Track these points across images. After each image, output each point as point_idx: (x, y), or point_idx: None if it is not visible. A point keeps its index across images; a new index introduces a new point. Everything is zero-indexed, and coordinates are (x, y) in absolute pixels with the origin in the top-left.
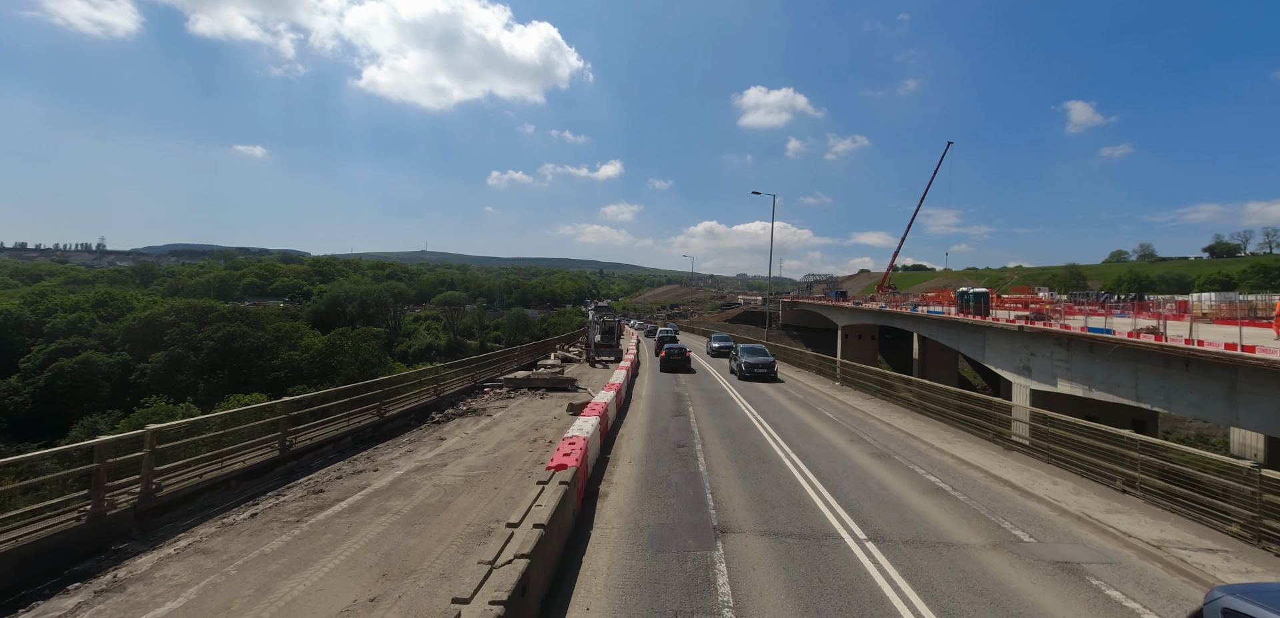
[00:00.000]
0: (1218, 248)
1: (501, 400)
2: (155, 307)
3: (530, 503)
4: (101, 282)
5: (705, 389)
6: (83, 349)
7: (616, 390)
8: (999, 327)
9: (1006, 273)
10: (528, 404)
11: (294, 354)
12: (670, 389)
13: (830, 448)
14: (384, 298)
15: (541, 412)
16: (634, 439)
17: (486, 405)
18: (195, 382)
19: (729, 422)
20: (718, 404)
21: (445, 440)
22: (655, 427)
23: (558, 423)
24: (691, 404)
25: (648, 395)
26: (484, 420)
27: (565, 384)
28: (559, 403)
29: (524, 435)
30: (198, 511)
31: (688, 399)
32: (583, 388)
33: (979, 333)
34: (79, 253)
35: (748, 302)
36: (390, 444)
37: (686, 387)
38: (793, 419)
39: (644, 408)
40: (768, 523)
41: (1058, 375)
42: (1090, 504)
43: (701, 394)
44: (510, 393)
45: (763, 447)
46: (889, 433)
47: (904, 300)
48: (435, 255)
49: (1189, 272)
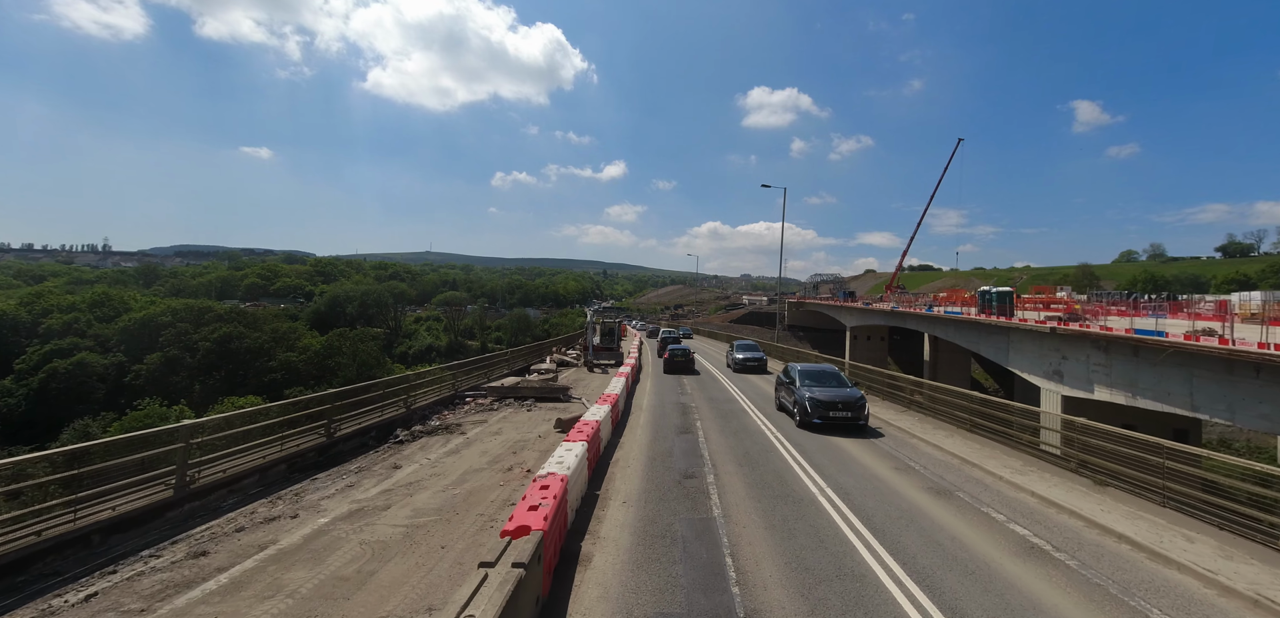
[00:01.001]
0: (1230, 247)
1: (482, 414)
2: (152, 307)
3: (460, 608)
4: (104, 282)
5: (715, 399)
6: (78, 350)
7: (613, 403)
8: (1027, 328)
9: (1015, 273)
10: (511, 418)
11: (291, 356)
12: (674, 398)
13: (872, 479)
14: (384, 298)
15: (525, 428)
16: (631, 468)
17: (463, 420)
18: (191, 383)
19: (745, 442)
20: (729, 418)
21: (400, 469)
22: (657, 448)
23: (541, 444)
24: (699, 419)
25: (649, 406)
26: (455, 440)
27: (556, 393)
28: (547, 416)
29: (498, 462)
30: (24, 588)
31: (695, 412)
32: (576, 398)
33: (1002, 335)
34: (84, 254)
35: (753, 302)
36: (332, 474)
37: (692, 395)
38: (817, 437)
39: (645, 422)
40: (817, 613)
41: (1095, 381)
42: (1264, 580)
43: (710, 405)
44: (494, 404)
45: (789, 478)
46: (936, 456)
47: (915, 300)
48: (439, 256)
49: (1202, 271)
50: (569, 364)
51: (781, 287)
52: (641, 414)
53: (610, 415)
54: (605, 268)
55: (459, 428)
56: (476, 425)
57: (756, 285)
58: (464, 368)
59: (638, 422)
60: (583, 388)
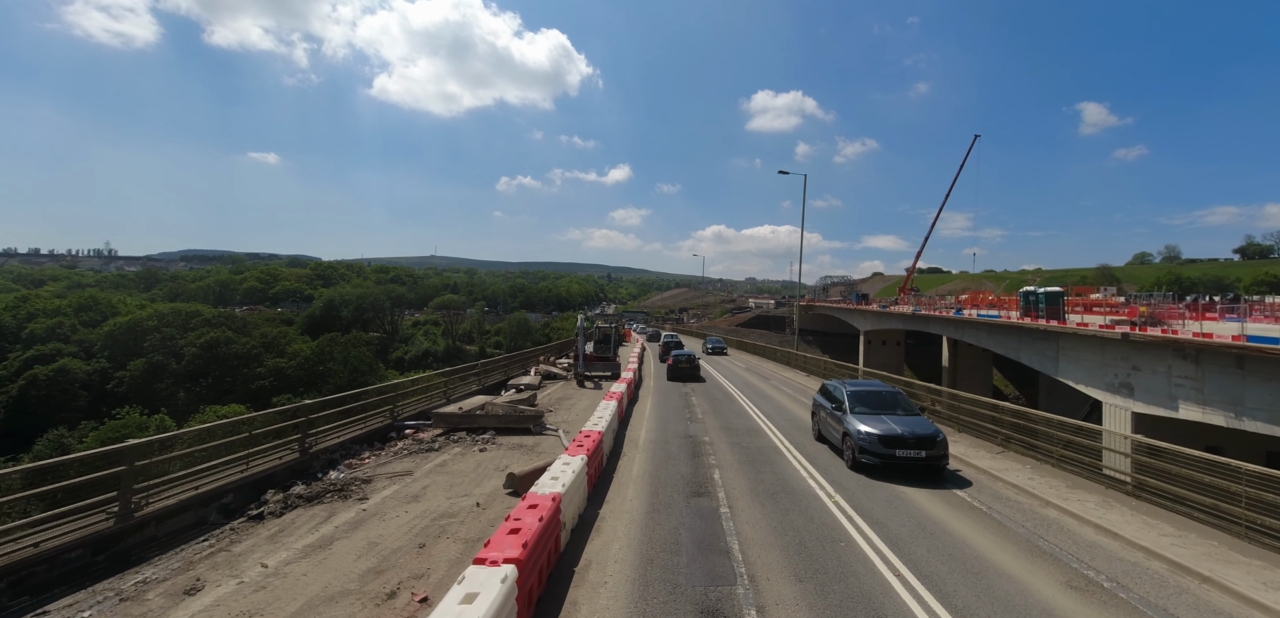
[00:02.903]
0: (1249, 249)
1: (413, 458)
2: (138, 311)
3: None
4: (104, 286)
5: (732, 427)
6: (61, 356)
7: (595, 444)
8: (1085, 333)
9: (1027, 275)
10: (451, 466)
11: (281, 361)
12: (680, 426)
13: (995, 578)
14: (381, 302)
15: (462, 486)
16: (614, 578)
17: (379, 471)
18: (175, 391)
19: (788, 510)
20: (756, 461)
21: (199, 595)
22: (657, 531)
23: (479, 517)
24: (715, 462)
25: (649, 440)
26: (341, 516)
27: (524, 423)
28: (503, 460)
29: (384, 574)
30: None
31: (709, 451)
32: (550, 430)
33: (1049, 340)
34: (89, 258)
35: (759, 305)
36: (93, 593)
37: (703, 420)
38: (877, 487)
39: (640, 471)
40: None
41: (1179, 397)
42: None
43: (727, 436)
44: (435, 442)
45: (876, 589)
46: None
47: (934, 303)
48: (444, 260)
49: (1224, 273)
50: (557, 376)
51: (787, 290)
52: (637, 455)
53: (587, 469)
54: (610, 272)
55: (361, 489)
56: (393, 482)
57: (762, 289)
58: (419, 387)
59: (630, 469)
60: (566, 411)
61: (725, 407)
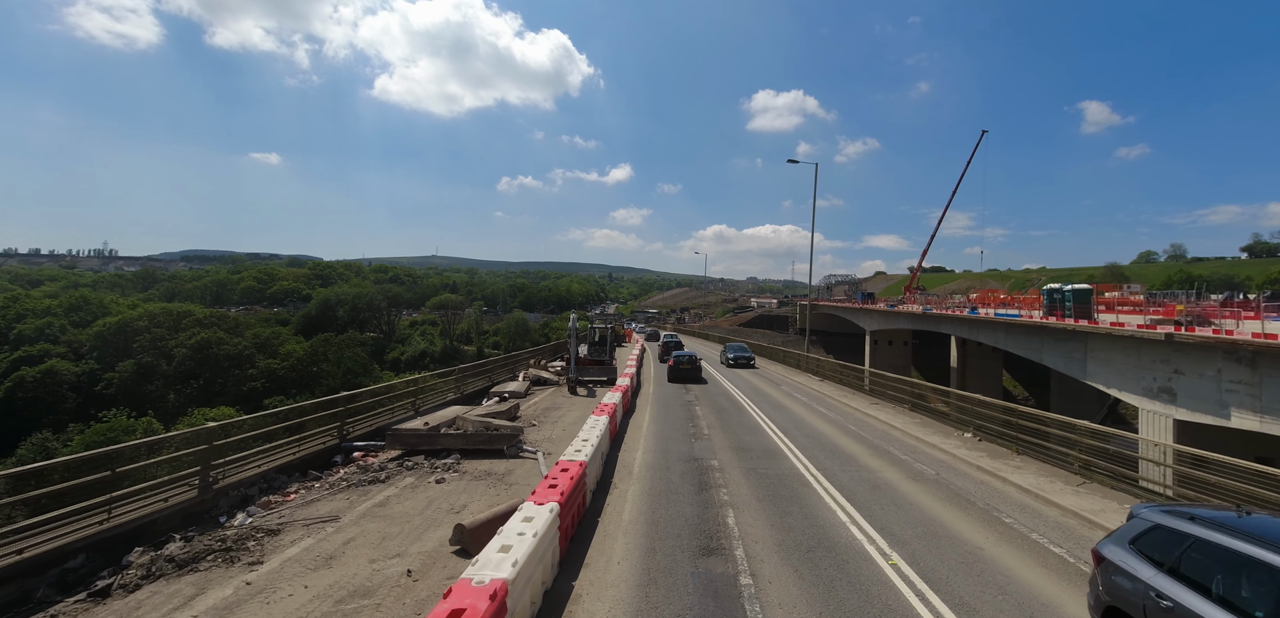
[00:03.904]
0: (1257, 247)
1: (353, 492)
2: (129, 311)
3: None
4: (103, 286)
5: (744, 446)
6: (49, 357)
7: (573, 482)
8: (1120, 334)
9: (1031, 274)
10: (394, 504)
11: (273, 363)
12: (684, 445)
13: None
14: (377, 302)
15: (397, 540)
16: None
17: (296, 515)
18: (165, 392)
19: (836, 584)
20: (778, 493)
21: None
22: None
23: (403, 599)
24: (727, 491)
25: (644, 467)
26: (220, 590)
27: (498, 444)
28: (460, 500)
29: None
30: None
31: (719, 477)
32: (528, 450)
33: (1076, 341)
34: (89, 258)
35: (761, 304)
36: None
37: (711, 436)
38: (958, 546)
39: (635, 506)
40: None
41: (1231, 403)
42: None
43: (738, 458)
44: (385, 469)
45: None
46: None
47: (943, 302)
48: (445, 260)
49: (1232, 271)
50: (548, 382)
51: (789, 289)
52: (631, 486)
53: (559, 524)
54: (611, 271)
55: (259, 547)
56: (309, 533)
57: (763, 288)
58: (356, 406)
59: (621, 510)
60: (551, 425)
61: (733, 418)
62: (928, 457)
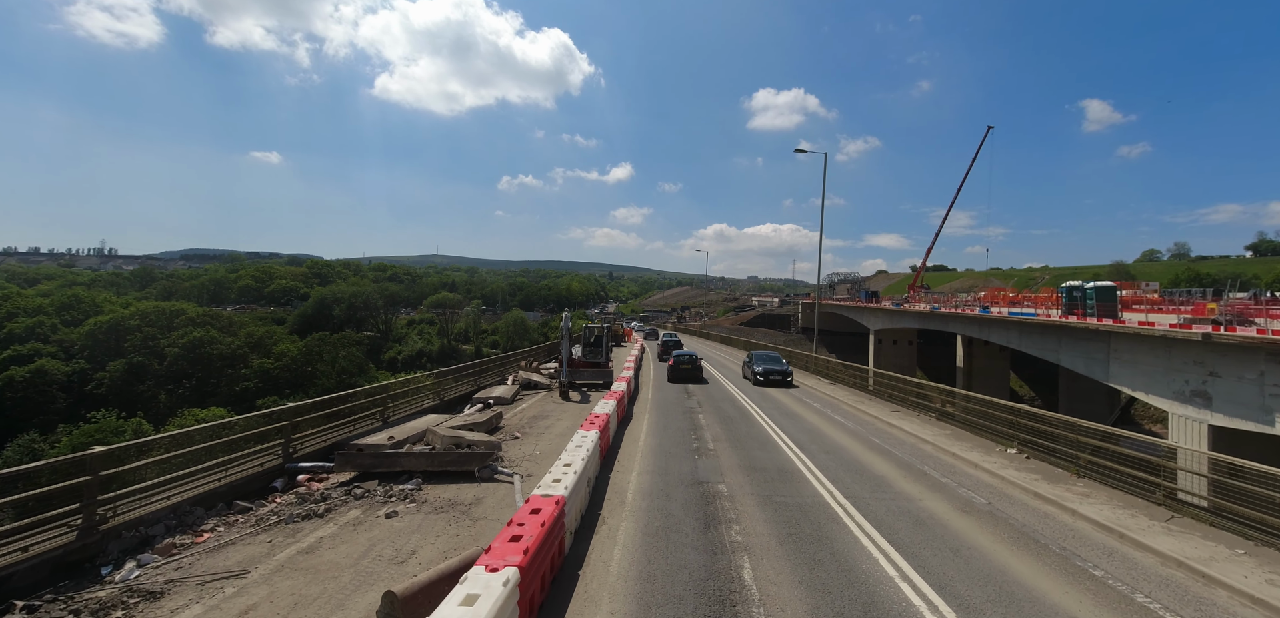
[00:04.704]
0: (1262, 245)
1: (279, 529)
2: (121, 310)
3: None
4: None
5: (757, 466)
6: (39, 356)
7: (539, 538)
8: (1148, 333)
9: (1034, 273)
10: (325, 548)
11: (266, 362)
12: (685, 462)
13: None
14: (374, 300)
15: (312, 608)
16: None
17: (195, 569)
18: (156, 392)
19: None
20: (803, 533)
21: None
22: None
23: None
24: (740, 530)
25: (641, 489)
26: None
27: (468, 464)
28: (409, 543)
29: None
30: None
31: (729, 508)
32: (504, 471)
33: (1099, 341)
34: (88, 257)
35: (763, 303)
36: None
37: (715, 445)
38: None
39: (626, 554)
40: None
41: (1275, 409)
42: None
43: (750, 481)
44: (326, 498)
45: None
46: None
47: (951, 301)
48: (446, 259)
49: (1238, 270)
50: (539, 386)
51: (790, 288)
52: (622, 523)
53: (515, 601)
54: (611, 270)
55: (151, 601)
56: (200, 596)
57: (764, 286)
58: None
59: (608, 560)
60: (536, 439)
61: (741, 429)
62: (971, 479)
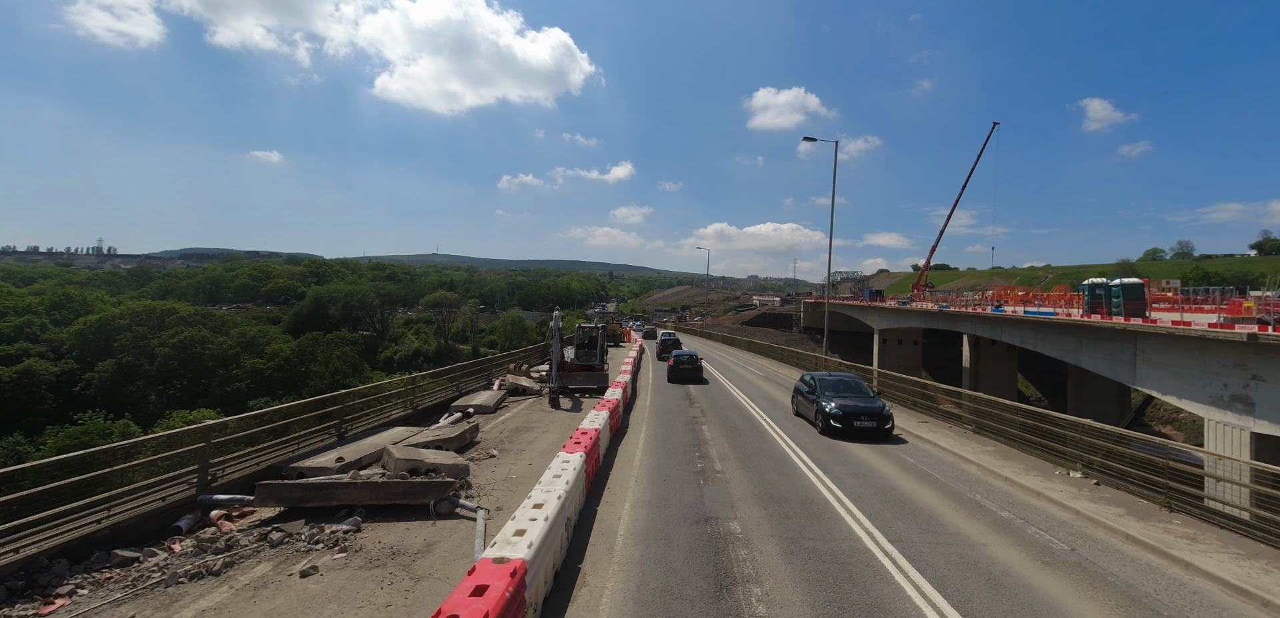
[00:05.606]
0: (1266, 243)
1: (149, 599)
2: (112, 309)
3: None
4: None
5: (776, 495)
6: (27, 356)
7: (496, 608)
8: (1183, 334)
9: (1037, 272)
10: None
11: (259, 362)
12: (689, 491)
13: None
14: (370, 299)
15: None
16: None
17: None
18: (146, 393)
19: None
20: (841, 588)
21: None
22: None
23: None
24: (760, 590)
25: (633, 530)
26: None
27: (422, 497)
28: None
29: None
30: None
31: (746, 561)
32: (466, 506)
33: (1125, 342)
34: (87, 256)
35: (764, 303)
36: None
37: (723, 466)
38: None
39: None
40: None
41: None
42: None
43: (770, 519)
44: (234, 547)
45: None
46: None
47: (958, 299)
48: (446, 258)
49: (1245, 269)
50: (527, 391)
51: (791, 287)
52: (608, 586)
53: None
54: (612, 270)
55: None
56: None
57: (764, 286)
58: (225, 437)
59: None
60: (515, 456)
61: (751, 444)
62: (1040, 513)
